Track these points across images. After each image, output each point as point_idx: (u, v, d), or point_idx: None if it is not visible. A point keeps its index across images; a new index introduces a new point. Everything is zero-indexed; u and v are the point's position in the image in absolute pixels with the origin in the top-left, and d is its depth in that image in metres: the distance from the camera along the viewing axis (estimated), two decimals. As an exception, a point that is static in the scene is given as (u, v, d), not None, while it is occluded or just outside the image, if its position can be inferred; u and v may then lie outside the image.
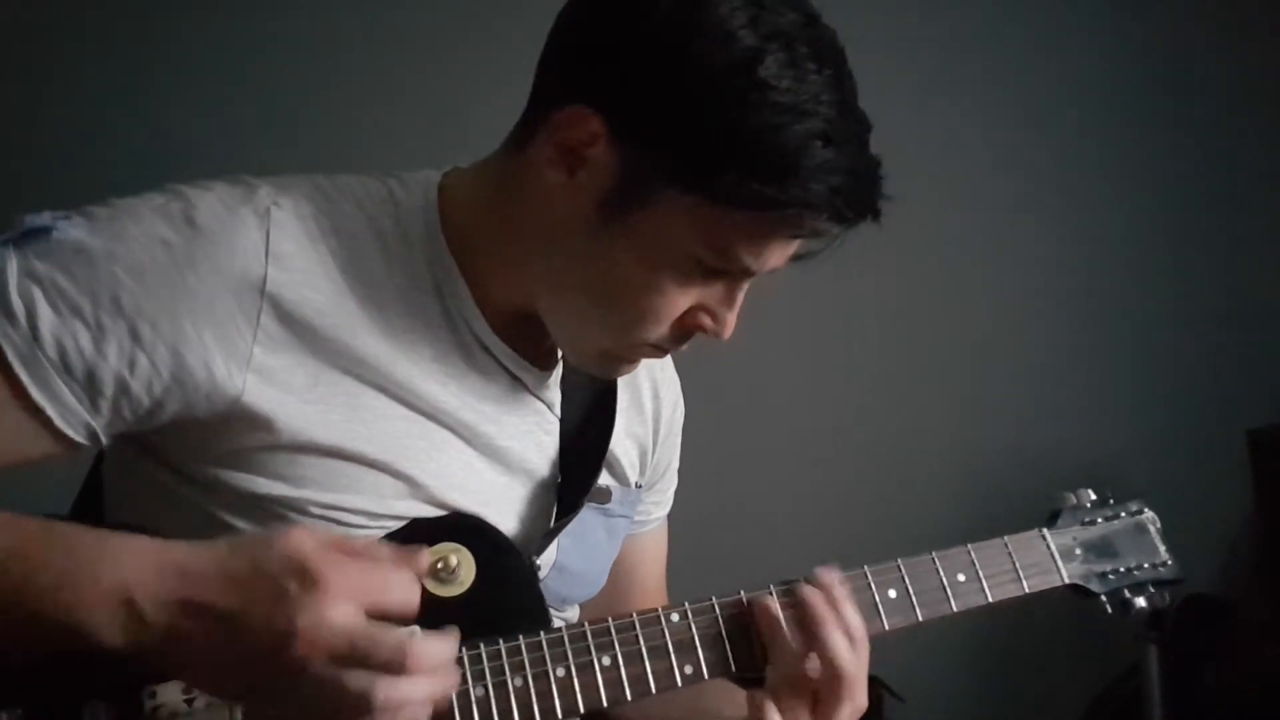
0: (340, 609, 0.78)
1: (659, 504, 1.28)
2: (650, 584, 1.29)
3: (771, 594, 1.03)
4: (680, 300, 0.97)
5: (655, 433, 1.22)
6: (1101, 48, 2.85)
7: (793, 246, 0.98)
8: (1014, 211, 2.81)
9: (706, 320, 0.99)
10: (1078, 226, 2.84)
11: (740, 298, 1.00)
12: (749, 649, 1.02)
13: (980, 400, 2.77)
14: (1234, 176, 2.86)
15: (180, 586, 0.80)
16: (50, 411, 0.88)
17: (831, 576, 1.04)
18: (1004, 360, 2.79)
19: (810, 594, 1.02)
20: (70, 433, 0.90)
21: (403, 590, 0.83)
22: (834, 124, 0.91)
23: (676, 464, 1.29)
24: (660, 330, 0.99)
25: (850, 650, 1.01)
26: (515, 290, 1.03)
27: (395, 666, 0.79)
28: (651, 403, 1.22)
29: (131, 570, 0.81)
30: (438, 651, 0.83)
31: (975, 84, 2.78)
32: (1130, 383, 2.83)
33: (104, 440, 0.93)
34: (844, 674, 1.00)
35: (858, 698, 1.02)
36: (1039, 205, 2.82)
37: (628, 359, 1.05)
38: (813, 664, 1.01)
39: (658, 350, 1.02)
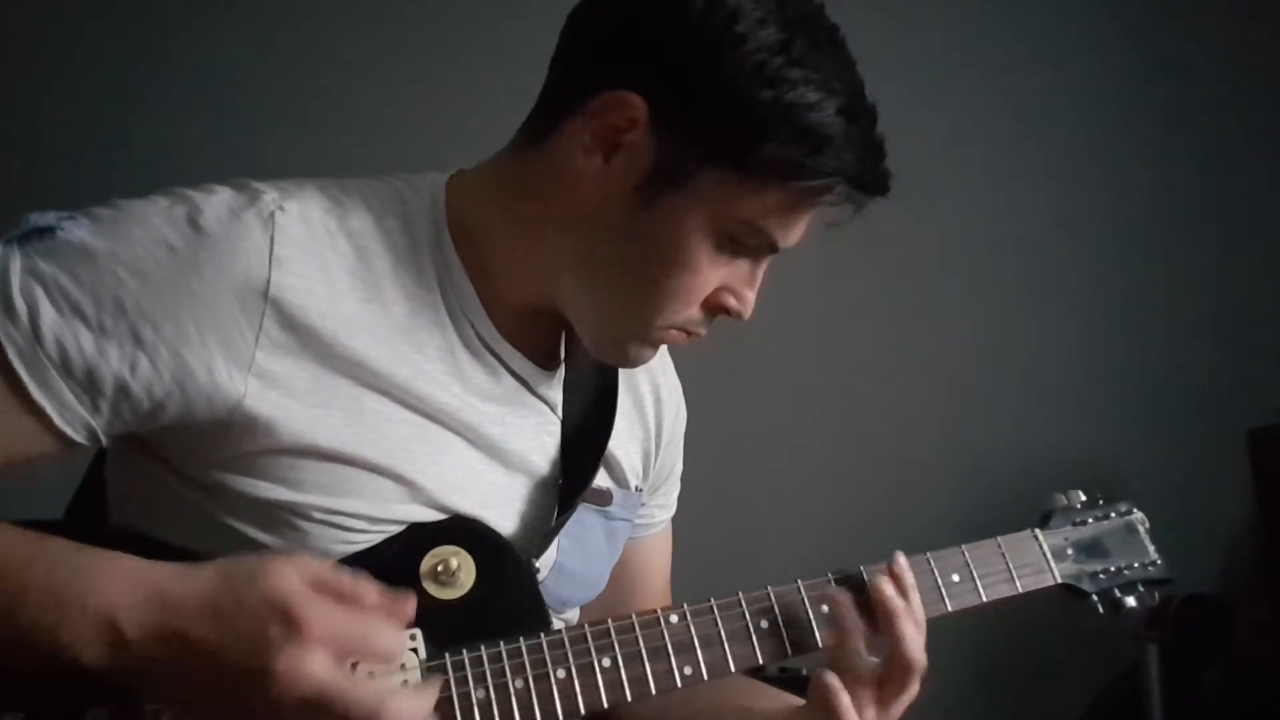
0: (317, 658, 0.80)
1: (663, 507, 1.29)
2: (654, 586, 1.30)
3: (830, 582, 1.07)
4: (711, 279, 1.00)
5: (658, 436, 1.23)
6: (1103, 49, 2.85)
7: (807, 221, 1.02)
8: (1014, 211, 2.82)
9: (731, 300, 1.02)
10: (1077, 226, 2.84)
11: (760, 276, 1.04)
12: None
13: (980, 401, 2.77)
14: (1233, 176, 2.86)
15: (163, 613, 0.81)
16: (50, 410, 0.89)
17: (904, 565, 1.07)
18: (1004, 361, 2.79)
19: (884, 584, 1.05)
20: (69, 432, 0.90)
21: (386, 641, 0.84)
22: (853, 102, 0.97)
23: (680, 467, 1.29)
24: (690, 311, 1.02)
25: (920, 640, 1.04)
26: (528, 287, 1.04)
27: None
28: (654, 407, 1.22)
29: (117, 592, 0.82)
30: (413, 711, 0.83)
31: (977, 86, 2.79)
32: (1130, 382, 2.84)
33: (103, 440, 0.93)
34: (914, 663, 1.04)
35: (916, 686, 1.05)
36: (1039, 205, 2.83)
37: (653, 343, 1.06)
38: (880, 652, 1.04)
39: (683, 334, 1.04)
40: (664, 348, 1.24)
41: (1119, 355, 2.84)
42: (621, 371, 1.17)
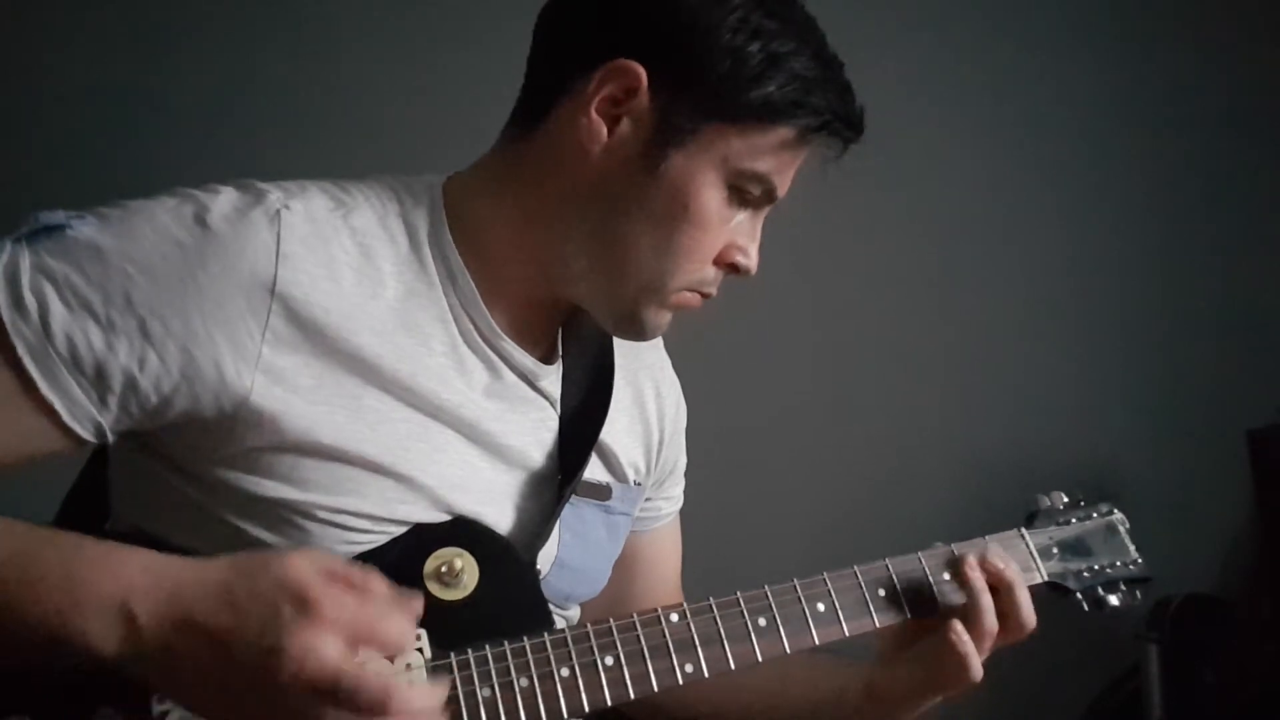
0: (330, 642, 0.79)
1: (669, 500, 1.30)
2: (665, 577, 1.31)
3: (920, 560, 1.13)
4: (720, 235, 1.04)
5: (660, 432, 1.24)
6: (1103, 48, 2.85)
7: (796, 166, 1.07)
8: (1013, 212, 2.81)
9: (739, 256, 1.06)
10: (1077, 226, 2.84)
11: (759, 231, 1.08)
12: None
13: (980, 401, 2.77)
14: (1233, 176, 2.86)
15: (177, 601, 0.81)
16: (59, 406, 0.89)
17: (995, 548, 1.15)
18: (1004, 361, 2.79)
19: (995, 559, 1.13)
20: (77, 428, 0.91)
21: (396, 630, 0.84)
22: (822, 49, 1.04)
23: (684, 461, 1.31)
24: (704, 269, 1.05)
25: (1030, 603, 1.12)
26: (532, 277, 1.06)
27: (377, 710, 0.79)
28: (654, 403, 1.24)
29: (131, 583, 0.82)
30: (423, 699, 0.83)
31: (975, 86, 2.79)
32: (1130, 383, 2.84)
33: (110, 437, 0.94)
34: (1027, 623, 1.11)
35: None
36: (1038, 205, 2.83)
37: (670, 307, 1.08)
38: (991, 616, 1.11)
39: (695, 295, 1.07)
40: (662, 350, 1.26)
41: (1119, 355, 2.84)
42: (622, 370, 1.19)
